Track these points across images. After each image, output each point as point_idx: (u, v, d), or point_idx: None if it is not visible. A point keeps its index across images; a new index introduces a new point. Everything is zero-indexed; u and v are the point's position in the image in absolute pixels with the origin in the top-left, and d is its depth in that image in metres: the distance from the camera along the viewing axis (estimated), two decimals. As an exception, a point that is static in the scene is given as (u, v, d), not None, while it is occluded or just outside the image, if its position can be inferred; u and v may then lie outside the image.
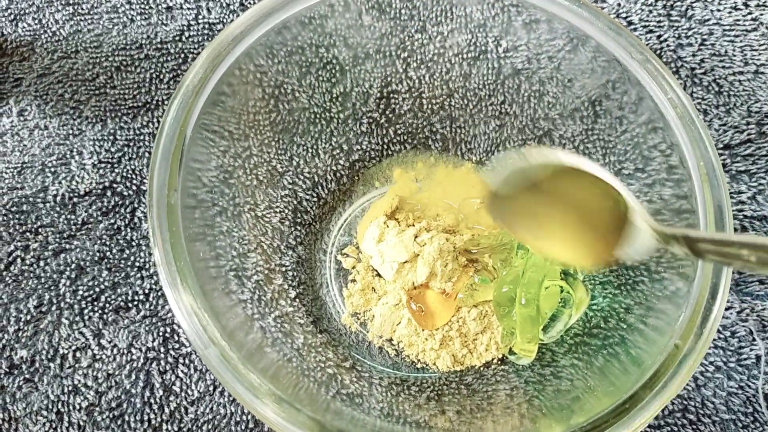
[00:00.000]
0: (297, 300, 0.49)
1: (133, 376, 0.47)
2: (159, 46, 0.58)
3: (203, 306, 0.36)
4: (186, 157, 0.40)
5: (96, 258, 0.51)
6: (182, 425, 0.46)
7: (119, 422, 0.46)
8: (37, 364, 0.48)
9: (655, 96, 0.42)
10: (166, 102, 0.56)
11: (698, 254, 0.32)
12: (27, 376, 0.47)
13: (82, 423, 0.46)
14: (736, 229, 0.50)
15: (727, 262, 0.33)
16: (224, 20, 0.59)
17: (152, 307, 0.49)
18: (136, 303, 0.49)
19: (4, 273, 0.50)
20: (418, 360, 0.49)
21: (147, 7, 0.59)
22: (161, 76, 0.57)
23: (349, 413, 0.40)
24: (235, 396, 0.35)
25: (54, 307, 0.49)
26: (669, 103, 0.42)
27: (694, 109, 0.42)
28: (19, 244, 0.51)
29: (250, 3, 0.60)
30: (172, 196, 0.38)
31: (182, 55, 0.58)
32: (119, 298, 0.50)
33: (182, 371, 0.47)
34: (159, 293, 0.50)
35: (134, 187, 0.53)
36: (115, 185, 0.53)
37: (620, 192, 0.36)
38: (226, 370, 0.35)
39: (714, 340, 0.48)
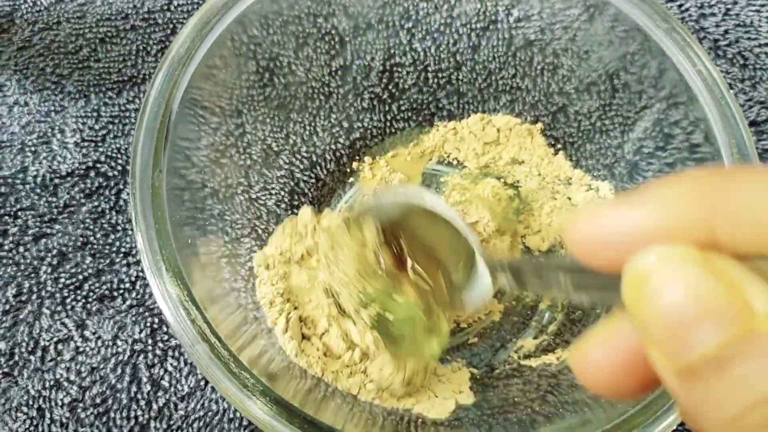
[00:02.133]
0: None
1: (119, 370, 0.45)
2: (146, 16, 0.55)
3: (191, 297, 0.33)
4: (172, 135, 0.37)
5: (79, 243, 0.48)
6: (171, 422, 0.43)
7: (104, 419, 0.43)
8: (16, 357, 0.45)
9: (681, 67, 0.40)
10: (153, 76, 0.53)
11: (522, 285, 0.30)
12: (6, 369, 0.45)
13: (64, 420, 0.43)
14: None
15: (548, 292, 0.30)
16: (215, -11, 0.55)
17: (139, 296, 0.47)
18: (121, 291, 0.47)
19: (-19, 259, 0.47)
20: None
21: (133, -25, 0.56)
22: (148, 48, 0.54)
23: (347, 411, 0.38)
24: (224, 395, 0.33)
25: (34, 296, 0.46)
26: (697, 76, 0.39)
27: (723, 82, 0.39)
28: (-3, 228, 0.48)
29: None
30: (157, 177, 0.35)
31: (171, 26, 0.55)
32: (104, 287, 0.47)
33: (171, 365, 0.45)
34: (146, 281, 0.47)
35: (119, 168, 0.50)
36: (99, 165, 0.50)
37: (458, 227, 0.36)
38: (216, 367, 0.33)
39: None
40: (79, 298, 0.46)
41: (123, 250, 0.48)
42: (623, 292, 0.18)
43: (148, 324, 0.46)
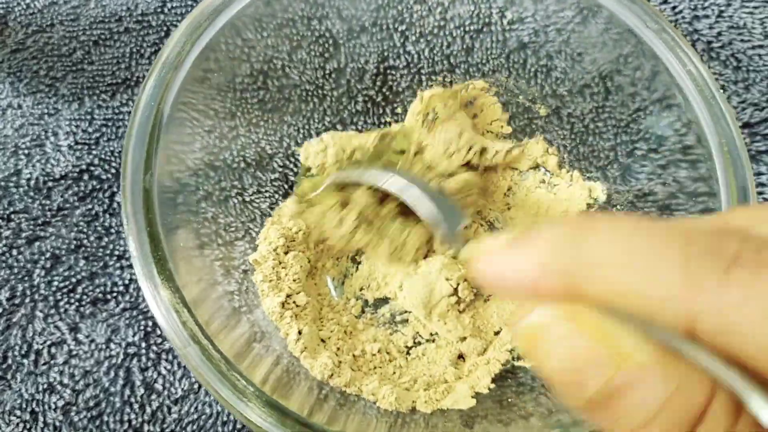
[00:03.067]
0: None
1: (113, 373, 0.44)
2: (140, 18, 0.55)
3: (182, 300, 0.33)
4: (164, 138, 0.37)
5: (72, 246, 0.48)
6: (165, 426, 0.43)
7: (97, 423, 0.43)
8: (9, 361, 0.45)
9: (671, 68, 0.40)
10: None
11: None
12: (-1, 373, 0.45)
13: (58, 423, 0.43)
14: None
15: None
16: (209, -8, 0.55)
17: (132, 299, 0.46)
18: (115, 295, 0.46)
19: (-25, 262, 0.47)
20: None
21: (127, -22, 0.56)
22: (142, 51, 0.54)
23: (344, 414, 0.38)
24: (217, 398, 0.33)
25: (27, 299, 0.46)
26: (687, 76, 0.39)
27: (714, 82, 0.39)
28: (-10, 231, 0.48)
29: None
30: (148, 180, 0.35)
31: (164, 28, 0.55)
32: (97, 290, 0.46)
33: (165, 368, 0.44)
34: (139, 284, 0.47)
35: (113, 170, 0.50)
36: (92, 168, 0.50)
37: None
38: (208, 370, 0.33)
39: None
40: (72, 301, 0.46)
41: (117, 253, 0.48)
42: (520, 346, 0.21)
43: (142, 327, 0.45)
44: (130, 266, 0.47)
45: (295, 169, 0.48)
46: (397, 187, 0.40)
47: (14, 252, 0.47)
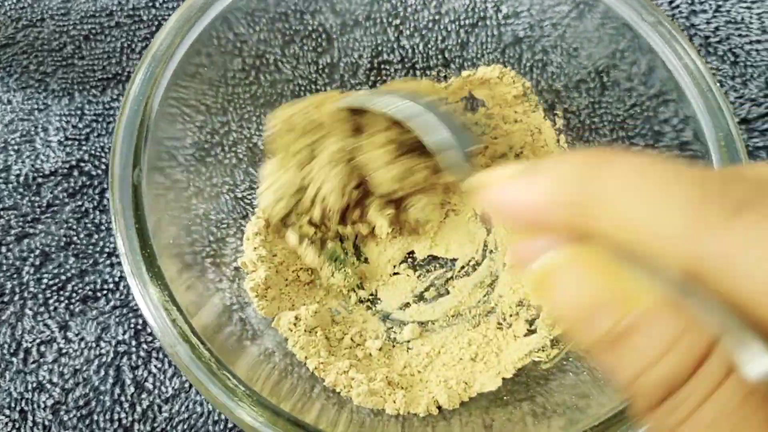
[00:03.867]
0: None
1: (102, 372, 0.44)
2: (131, 12, 0.54)
3: (171, 298, 0.33)
4: (153, 133, 0.37)
5: (62, 243, 0.47)
6: (155, 425, 0.43)
7: (87, 422, 0.43)
8: (-2, 359, 0.44)
9: (668, 62, 0.39)
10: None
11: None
12: (-13, 371, 0.44)
13: (47, 422, 0.43)
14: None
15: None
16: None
17: (122, 297, 0.46)
18: (105, 292, 0.46)
19: (-37, 260, 0.47)
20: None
21: (118, -28, 0.55)
22: (133, 46, 0.53)
23: (335, 412, 0.37)
24: (207, 397, 0.32)
25: (16, 297, 0.46)
26: (684, 70, 0.39)
27: (711, 76, 0.38)
28: (-22, 228, 0.47)
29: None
30: (137, 175, 0.34)
31: (156, 23, 0.54)
32: (87, 287, 0.46)
33: (155, 366, 0.44)
34: (130, 281, 0.46)
35: (103, 167, 0.49)
36: (82, 164, 0.49)
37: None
38: (198, 369, 0.32)
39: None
40: (62, 299, 0.46)
41: (107, 250, 0.47)
42: (531, 287, 0.22)
43: (132, 325, 0.45)
44: (120, 264, 0.46)
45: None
46: (405, 113, 0.38)
47: (3, 249, 0.47)
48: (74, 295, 0.46)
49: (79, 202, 0.48)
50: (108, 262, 0.47)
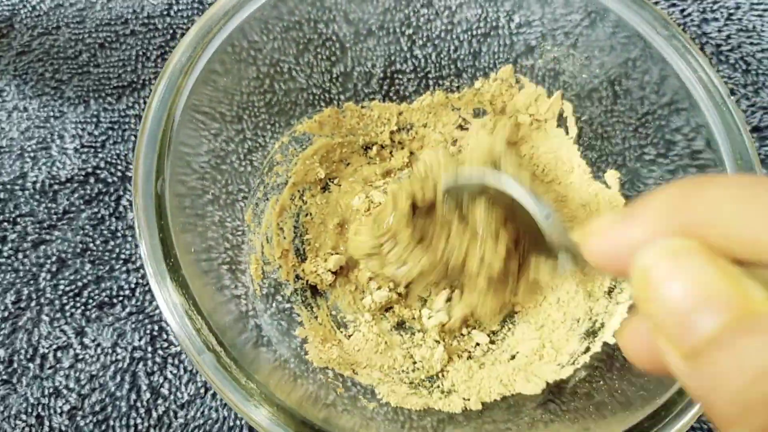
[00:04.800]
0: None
1: (119, 378, 0.44)
2: (146, 21, 0.55)
3: (196, 307, 0.33)
4: (174, 142, 0.37)
5: (78, 250, 0.47)
6: (171, 430, 0.43)
7: (103, 427, 0.43)
8: (15, 365, 0.45)
9: (681, 74, 0.40)
10: (153, 81, 0.52)
11: (580, 264, 0.30)
12: (4, 377, 0.44)
13: (63, 428, 0.43)
14: None
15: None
16: (215, -6, 0.55)
17: (138, 303, 0.46)
18: (121, 299, 0.46)
19: (-20, 266, 0.47)
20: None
21: (133, -20, 0.56)
22: (148, 54, 0.54)
23: (350, 419, 0.38)
24: (227, 401, 0.32)
25: (33, 303, 0.46)
26: (698, 82, 0.39)
27: (724, 88, 0.39)
28: (-5, 234, 0.48)
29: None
30: (160, 185, 0.35)
31: (171, 31, 0.54)
32: (103, 293, 0.46)
33: (171, 372, 0.44)
34: (146, 288, 0.46)
35: (119, 174, 0.50)
36: (98, 171, 0.50)
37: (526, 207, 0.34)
38: (222, 377, 0.32)
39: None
40: (78, 305, 0.46)
41: (123, 256, 0.47)
42: (633, 289, 0.19)
43: (148, 331, 0.45)
44: (137, 270, 0.47)
45: (302, 173, 0.48)
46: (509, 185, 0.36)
47: (20, 255, 0.47)
48: (90, 301, 0.46)
49: (95, 209, 0.49)
50: (124, 268, 0.47)
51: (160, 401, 0.44)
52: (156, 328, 0.45)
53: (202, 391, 0.44)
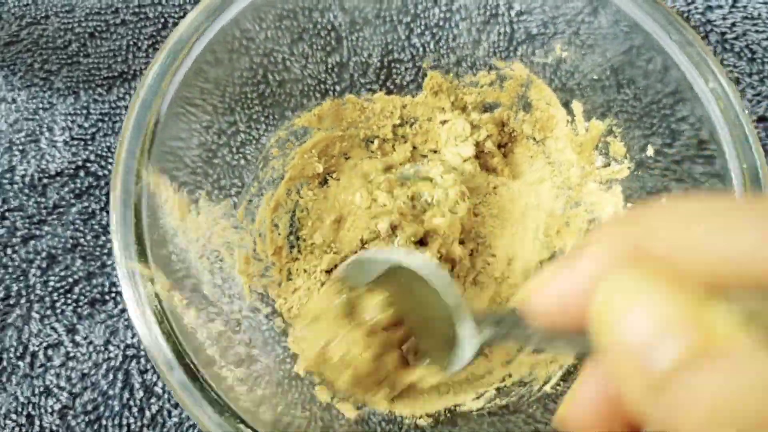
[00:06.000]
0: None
1: (111, 376, 0.43)
2: (136, 10, 0.53)
3: (173, 317, 0.32)
4: (161, 135, 0.36)
5: (69, 245, 0.46)
6: (165, 430, 0.42)
7: (95, 427, 0.42)
8: (4, 363, 0.44)
9: (681, 65, 0.39)
10: (144, 72, 0.51)
11: (504, 338, 0.30)
12: (-6, 375, 0.44)
13: (54, 427, 0.42)
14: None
15: (526, 344, 0.34)
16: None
17: (130, 300, 0.45)
18: (113, 295, 0.45)
19: (-31, 262, 0.46)
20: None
21: (123, -32, 0.55)
22: (139, 44, 0.53)
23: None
24: (198, 423, 0.31)
25: (23, 300, 0.45)
26: (697, 73, 0.38)
27: (727, 79, 0.38)
28: (-16, 230, 0.47)
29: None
30: (140, 181, 0.34)
31: (162, 20, 0.53)
32: (95, 290, 0.45)
33: (164, 371, 0.43)
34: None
35: (110, 167, 0.49)
36: (88, 164, 0.49)
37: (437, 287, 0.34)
38: (191, 394, 0.31)
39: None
40: (69, 301, 0.45)
41: (114, 252, 0.46)
42: (592, 327, 0.18)
43: (140, 329, 0.44)
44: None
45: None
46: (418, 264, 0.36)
47: (9, 251, 0.46)
48: (82, 297, 0.45)
49: (86, 204, 0.48)
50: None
51: (153, 400, 0.43)
52: (148, 325, 0.44)
53: (196, 389, 0.43)
